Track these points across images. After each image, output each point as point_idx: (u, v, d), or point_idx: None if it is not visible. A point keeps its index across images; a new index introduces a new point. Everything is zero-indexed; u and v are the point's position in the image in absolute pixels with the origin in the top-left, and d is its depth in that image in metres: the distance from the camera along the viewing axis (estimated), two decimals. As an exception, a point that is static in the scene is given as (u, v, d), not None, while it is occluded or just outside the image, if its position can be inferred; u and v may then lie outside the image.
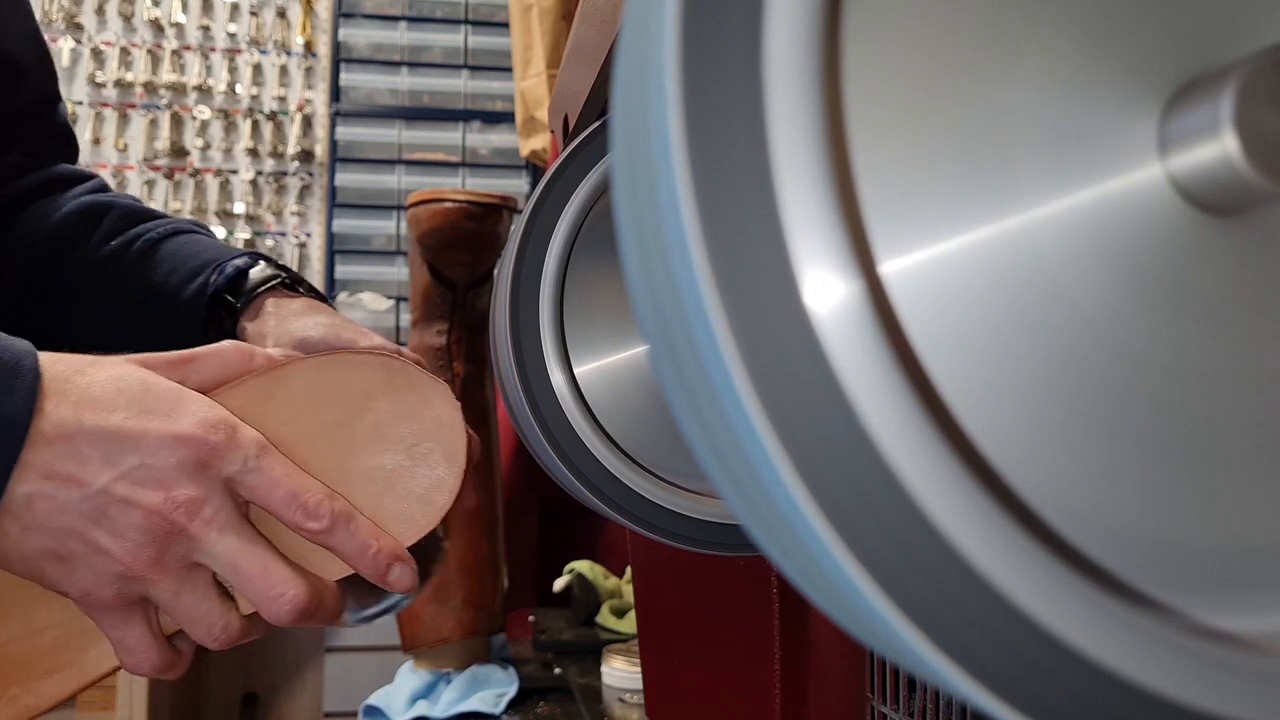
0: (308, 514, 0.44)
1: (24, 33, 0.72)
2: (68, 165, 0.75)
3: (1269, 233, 0.23)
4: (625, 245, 0.21)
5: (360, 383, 0.48)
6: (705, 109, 0.18)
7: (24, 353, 0.41)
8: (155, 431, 0.42)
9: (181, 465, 0.42)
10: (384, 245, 2.86)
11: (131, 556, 0.41)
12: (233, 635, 0.44)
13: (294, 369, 0.48)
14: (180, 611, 0.43)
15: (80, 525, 0.41)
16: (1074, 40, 0.22)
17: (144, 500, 0.41)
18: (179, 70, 2.82)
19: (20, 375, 0.40)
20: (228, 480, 0.43)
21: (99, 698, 2.23)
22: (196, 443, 0.42)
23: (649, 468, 0.49)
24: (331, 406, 0.47)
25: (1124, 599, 0.19)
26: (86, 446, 0.41)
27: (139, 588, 0.42)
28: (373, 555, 0.45)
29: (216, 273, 0.65)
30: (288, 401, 0.47)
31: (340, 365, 0.48)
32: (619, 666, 1.12)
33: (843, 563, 0.18)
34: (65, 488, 0.40)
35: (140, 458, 0.41)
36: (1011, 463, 0.21)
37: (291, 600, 0.44)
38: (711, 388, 0.19)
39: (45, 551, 0.41)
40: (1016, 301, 0.22)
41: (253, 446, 0.44)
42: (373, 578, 0.46)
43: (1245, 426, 0.23)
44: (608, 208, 0.50)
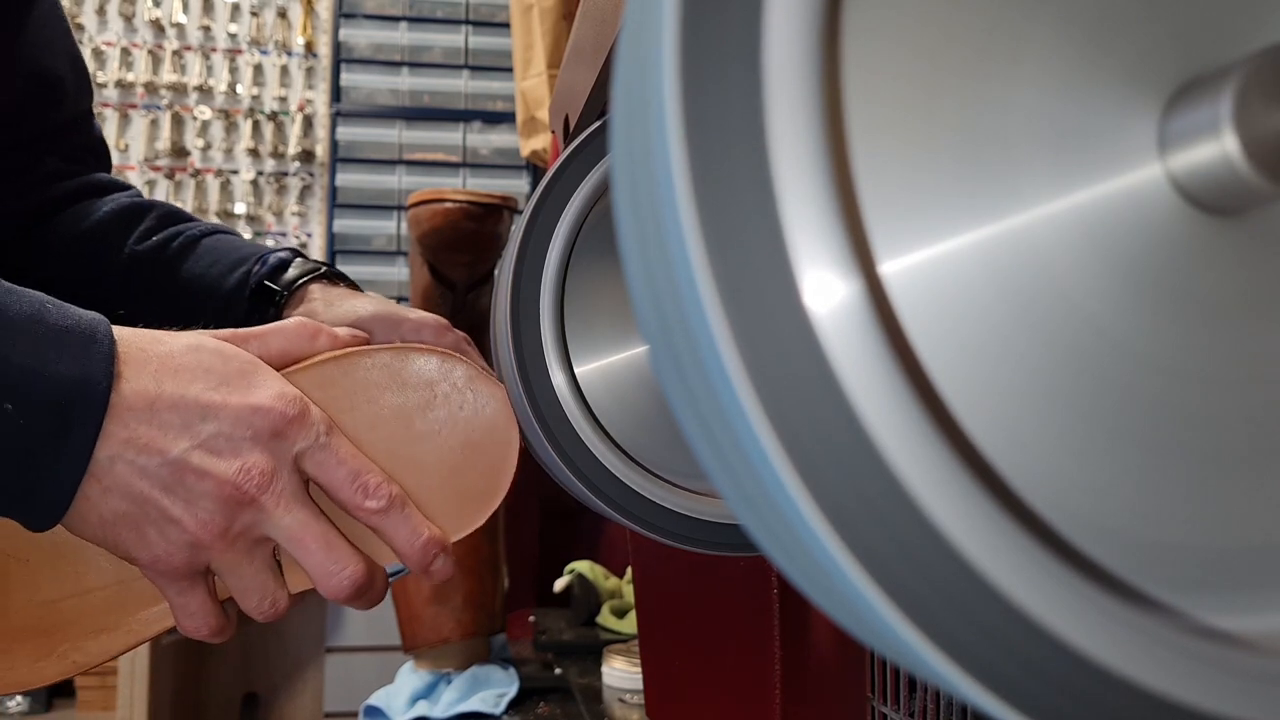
0: (368, 493, 0.45)
1: (64, 49, 0.74)
2: (104, 174, 0.77)
3: (1269, 233, 0.23)
4: (625, 245, 0.21)
5: (423, 379, 0.49)
6: (705, 109, 0.18)
7: (98, 320, 0.42)
8: (234, 403, 0.43)
9: (257, 437, 0.43)
10: (384, 245, 2.86)
11: (202, 526, 0.42)
12: (279, 610, 0.46)
13: (361, 358, 0.49)
14: (237, 582, 0.44)
15: (156, 492, 0.42)
16: (1074, 40, 0.22)
17: (218, 470, 0.42)
18: (180, 70, 2.82)
19: (96, 341, 0.41)
20: (297, 455, 0.44)
21: (99, 698, 2.23)
22: (273, 415, 0.43)
23: (649, 468, 0.48)
24: (393, 399, 0.49)
25: (1124, 599, 0.19)
26: (166, 414, 0.42)
27: (205, 556, 0.43)
28: (422, 543, 0.47)
29: (259, 264, 0.67)
30: (351, 389, 0.48)
31: (405, 359, 0.49)
32: (619, 667, 1.12)
33: (843, 563, 0.18)
34: (145, 454, 0.41)
35: (218, 427, 0.42)
36: (1011, 462, 0.21)
37: (351, 576, 0.45)
38: (711, 388, 0.19)
39: (122, 516, 0.42)
40: (1016, 301, 0.22)
41: (322, 424, 0.45)
42: (417, 565, 0.47)
43: (1245, 426, 0.23)
44: (608, 208, 0.50)
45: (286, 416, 0.44)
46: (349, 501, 0.46)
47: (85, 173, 0.75)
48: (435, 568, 0.47)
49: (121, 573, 0.46)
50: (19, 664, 0.45)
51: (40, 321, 0.40)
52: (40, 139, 0.73)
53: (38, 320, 0.40)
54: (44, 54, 0.71)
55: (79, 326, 0.41)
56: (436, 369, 0.50)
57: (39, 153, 0.73)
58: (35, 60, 0.70)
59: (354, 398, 0.48)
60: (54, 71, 0.72)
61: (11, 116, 0.70)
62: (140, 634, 0.47)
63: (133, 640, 0.46)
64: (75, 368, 0.40)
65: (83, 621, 0.46)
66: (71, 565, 0.46)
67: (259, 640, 2.65)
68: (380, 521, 0.46)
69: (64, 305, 0.42)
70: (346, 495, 0.45)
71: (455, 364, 0.50)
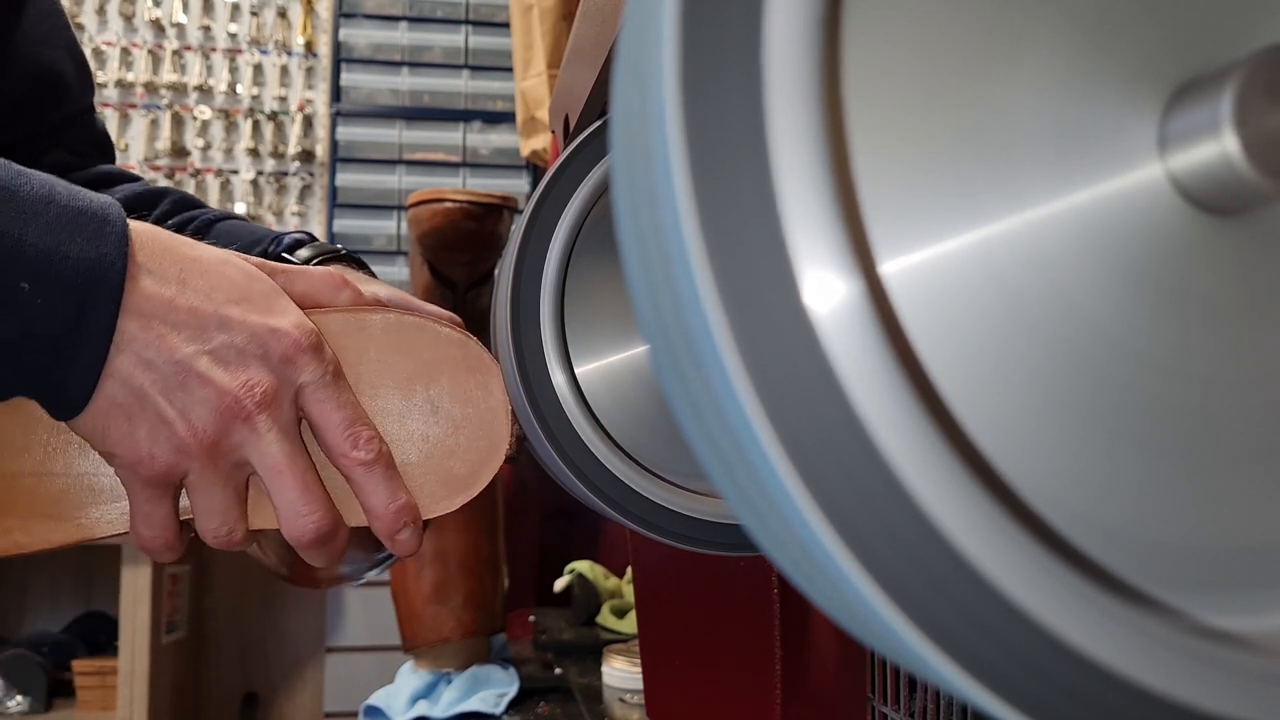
0: (357, 443, 0.45)
1: (64, 43, 0.74)
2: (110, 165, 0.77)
3: (1269, 233, 0.23)
4: (625, 245, 0.21)
5: (434, 352, 0.49)
6: (705, 109, 0.18)
7: (109, 203, 0.42)
8: (251, 320, 0.43)
9: (267, 357, 0.43)
10: (385, 245, 2.86)
11: (193, 433, 0.42)
12: (233, 540, 0.45)
13: (375, 318, 0.49)
14: (205, 500, 0.44)
15: (155, 391, 0.41)
16: (1074, 40, 0.22)
17: (222, 380, 0.42)
18: (180, 70, 2.82)
19: (110, 222, 0.40)
20: (300, 388, 0.44)
21: (99, 698, 2.23)
22: (288, 340, 0.43)
23: (650, 467, 0.48)
24: (401, 364, 0.49)
25: (1124, 598, 0.19)
26: (183, 315, 0.41)
27: (186, 466, 0.43)
28: (396, 509, 0.46)
29: (274, 244, 0.67)
30: (362, 345, 0.48)
31: (421, 329, 0.49)
32: (619, 667, 1.12)
33: (843, 562, 0.18)
34: (152, 349, 0.41)
35: (230, 338, 0.42)
36: (1011, 462, 0.21)
37: (316, 522, 0.44)
38: (711, 387, 0.19)
39: (118, 407, 0.41)
40: (1016, 301, 0.22)
41: (332, 364, 0.45)
42: (385, 529, 0.47)
43: (1245, 426, 0.23)
44: (608, 208, 0.50)
45: (301, 345, 0.44)
46: (337, 446, 0.45)
47: (90, 165, 0.75)
48: (400, 537, 0.47)
49: (88, 465, 0.46)
50: None
51: (52, 203, 0.40)
52: (45, 135, 0.73)
53: (49, 202, 0.40)
54: (44, 49, 0.71)
55: (91, 208, 0.41)
56: (453, 346, 0.49)
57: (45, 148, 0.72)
58: (35, 55, 0.70)
59: (363, 353, 0.48)
60: (55, 66, 0.72)
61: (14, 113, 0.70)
62: (89, 531, 0.46)
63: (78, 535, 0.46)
64: (90, 249, 0.39)
65: (36, 503, 0.45)
66: (42, 444, 0.45)
67: (259, 640, 2.65)
68: (362, 475, 0.46)
69: (74, 188, 0.41)
70: (336, 439, 0.45)
71: (471, 346, 0.50)
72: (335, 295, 0.49)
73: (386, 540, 0.47)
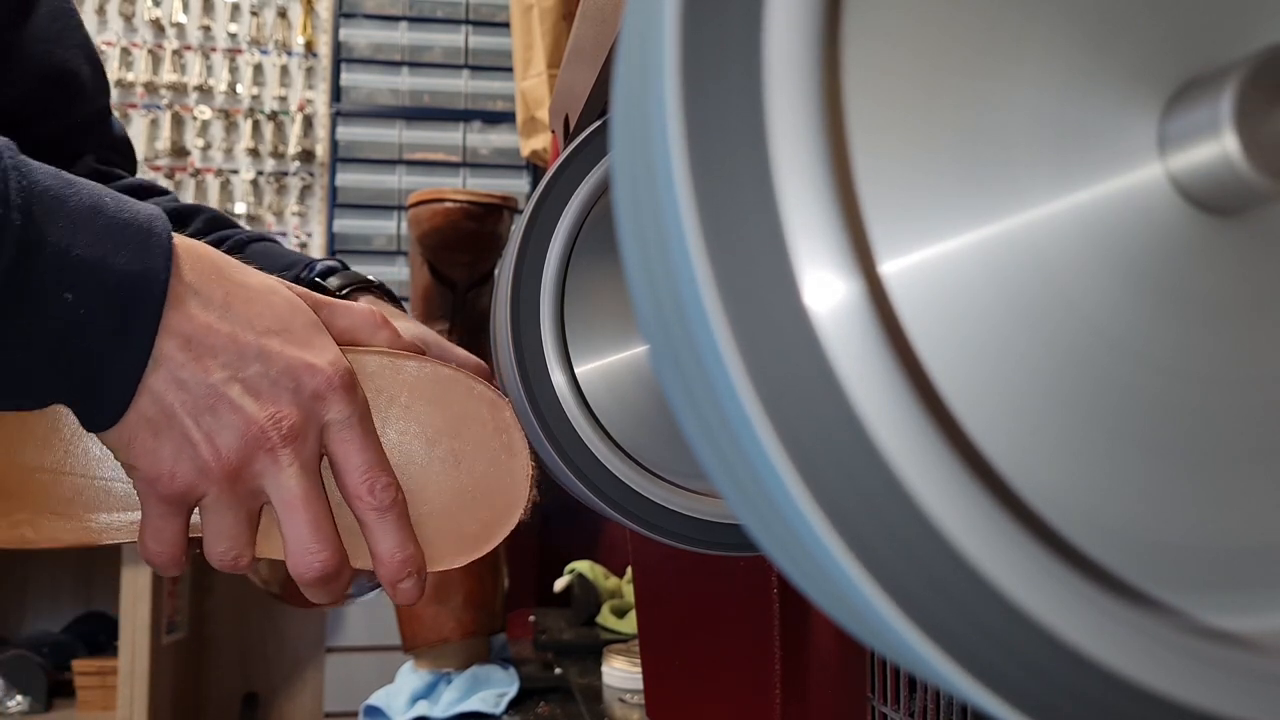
0: (373, 488, 0.45)
1: (77, 43, 0.73)
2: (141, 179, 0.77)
3: (1269, 233, 0.23)
4: (625, 245, 0.21)
5: (464, 407, 0.49)
6: (705, 109, 0.18)
7: (155, 215, 0.42)
8: (289, 354, 0.43)
9: (298, 391, 0.43)
10: (385, 245, 2.86)
11: (217, 458, 0.42)
12: (237, 566, 0.45)
13: (414, 364, 0.49)
14: (216, 523, 0.44)
15: (184, 412, 0.41)
16: (1074, 40, 0.22)
17: (250, 409, 0.42)
18: (180, 70, 2.82)
19: (155, 235, 0.41)
20: (326, 425, 0.44)
21: (99, 698, 2.23)
22: (321, 378, 0.43)
23: (650, 467, 0.48)
24: (429, 415, 0.48)
25: (1124, 598, 0.19)
26: (224, 340, 0.42)
27: (205, 488, 0.43)
28: (400, 560, 0.46)
29: (307, 270, 0.67)
30: (394, 391, 0.48)
31: (455, 382, 0.49)
32: (619, 667, 1.12)
33: (843, 562, 0.18)
34: (187, 369, 0.41)
35: (265, 369, 0.42)
36: (1011, 462, 0.21)
37: (323, 562, 0.44)
38: (711, 387, 0.19)
39: (146, 422, 0.41)
40: (1016, 301, 0.22)
41: (362, 406, 0.45)
42: (388, 576, 0.47)
43: (1245, 426, 0.23)
44: (609, 208, 0.50)
45: (333, 383, 0.44)
46: (354, 489, 0.45)
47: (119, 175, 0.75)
48: (403, 586, 0.47)
49: (106, 471, 0.46)
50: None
51: (100, 213, 0.40)
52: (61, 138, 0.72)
53: (98, 211, 0.40)
54: (55, 48, 0.70)
55: (138, 220, 0.41)
56: (484, 404, 0.49)
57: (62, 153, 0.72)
58: (47, 55, 0.70)
59: (394, 399, 0.48)
60: (68, 66, 0.71)
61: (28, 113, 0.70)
62: (95, 536, 0.46)
63: (85, 538, 0.46)
64: (135, 262, 0.39)
65: (48, 499, 0.45)
66: (64, 442, 0.45)
67: (259, 640, 2.65)
68: (375, 520, 0.46)
69: (121, 198, 0.41)
70: (354, 481, 0.45)
71: (504, 408, 0.49)
72: (374, 334, 0.49)
73: (388, 587, 0.47)
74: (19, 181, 0.37)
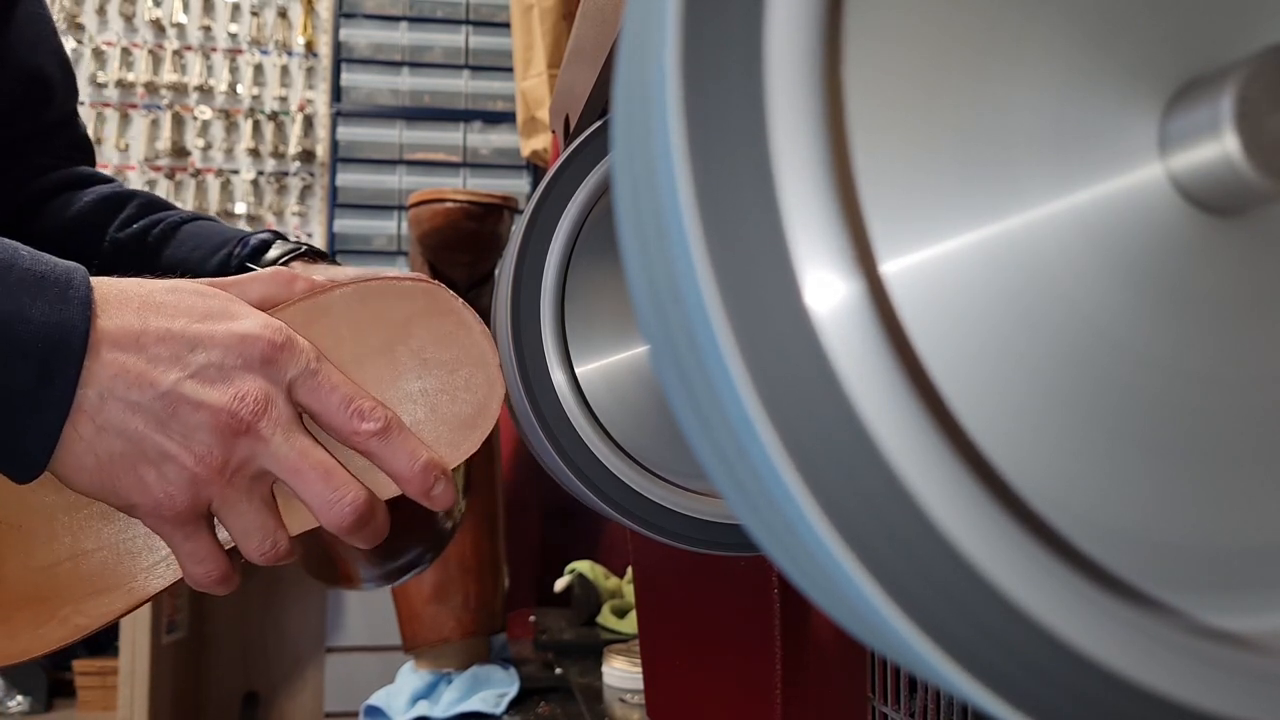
0: (363, 417, 0.45)
1: (51, 48, 0.73)
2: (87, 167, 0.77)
3: (1269, 233, 0.23)
4: (626, 245, 0.21)
5: (401, 309, 0.49)
6: (706, 109, 0.18)
7: (73, 267, 0.42)
8: (220, 331, 0.43)
9: (248, 364, 0.43)
10: (385, 245, 2.86)
11: (200, 461, 0.42)
12: (280, 553, 0.45)
13: (335, 295, 0.49)
14: (238, 522, 0.44)
15: (150, 429, 0.41)
16: (1075, 40, 0.22)
17: (212, 399, 0.42)
18: (180, 70, 2.82)
19: (73, 286, 0.41)
20: (289, 384, 0.44)
21: (100, 698, 2.23)
22: (261, 342, 0.43)
23: (650, 467, 0.48)
24: (373, 331, 0.48)
25: (1124, 598, 0.19)
26: (154, 347, 0.41)
27: (206, 494, 0.42)
28: (422, 465, 0.46)
29: (240, 246, 0.67)
30: (330, 326, 0.48)
31: (381, 291, 0.49)
32: (620, 667, 1.12)
33: (843, 562, 0.18)
34: (135, 387, 0.41)
35: (208, 356, 0.42)
36: (1012, 462, 0.21)
37: (353, 503, 0.44)
38: (712, 387, 0.19)
39: (119, 457, 0.41)
40: (1017, 301, 0.22)
41: (311, 351, 0.45)
42: (418, 490, 0.46)
43: (1246, 426, 0.23)
44: (609, 208, 0.50)
45: (275, 343, 0.43)
46: (344, 427, 0.45)
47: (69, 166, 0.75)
48: (436, 492, 0.46)
49: (118, 532, 0.46)
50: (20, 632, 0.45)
51: (13, 267, 0.40)
52: (31, 139, 0.73)
53: (10, 266, 0.40)
54: (31, 53, 0.71)
55: (54, 273, 0.41)
56: (417, 296, 0.49)
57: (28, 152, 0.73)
58: (22, 60, 0.70)
59: (333, 335, 0.48)
60: (42, 71, 0.72)
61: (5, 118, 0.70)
62: (144, 590, 0.46)
63: (136, 598, 0.46)
64: (52, 313, 0.40)
65: (82, 584, 0.45)
66: (66, 528, 0.45)
67: (259, 639, 2.65)
68: (377, 445, 0.45)
69: (37, 253, 0.41)
70: (341, 420, 0.45)
71: (433, 290, 0.49)
72: (289, 290, 0.49)
73: (423, 498, 0.46)
74: None
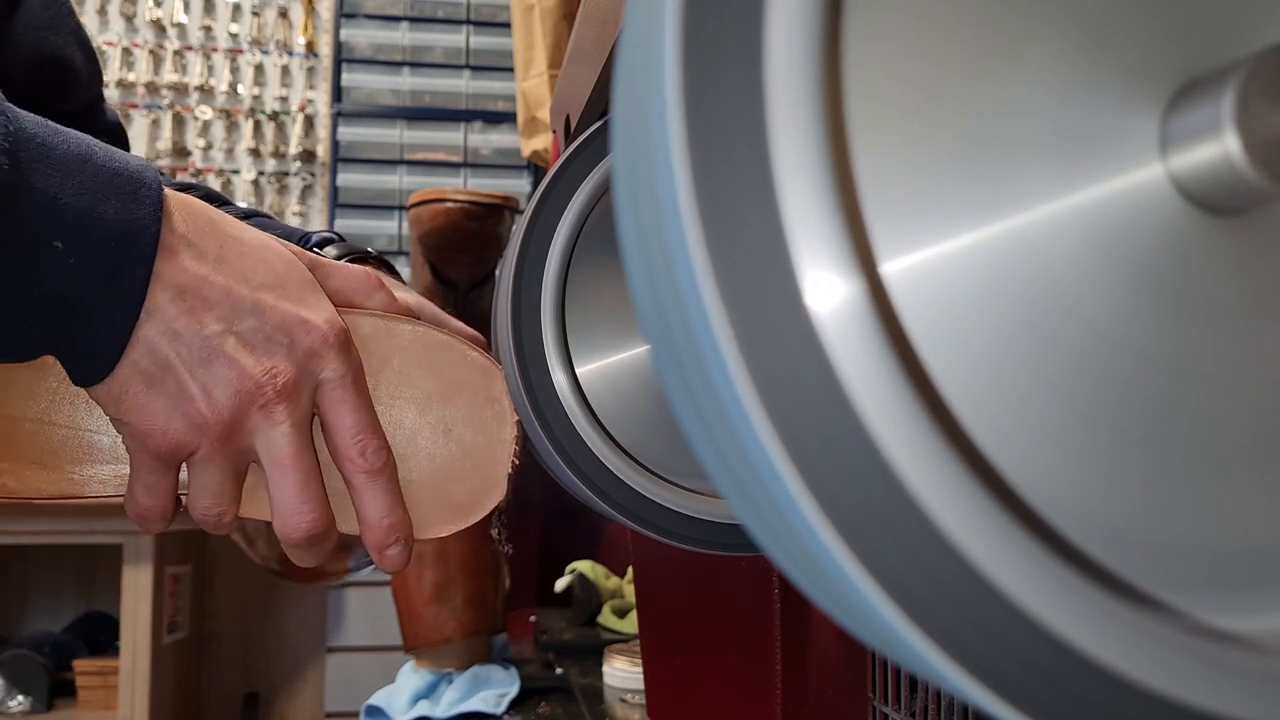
0: (364, 450, 0.44)
1: (69, 29, 0.72)
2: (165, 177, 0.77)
3: (1270, 233, 0.23)
4: (626, 245, 0.21)
5: (455, 374, 0.48)
6: (706, 109, 0.18)
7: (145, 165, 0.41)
8: (283, 308, 0.42)
9: (293, 347, 0.42)
10: (386, 245, 2.86)
11: (213, 411, 0.41)
12: (220, 524, 0.44)
13: (408, 328, 0.48)
14: (202, 478, 0.43)
15: (180, 364, 0.40)
16: (1075, 40, 0.22)
17: (246, 363, 0.41)
18: (181, 70, 2.82)
19: (145, 185, 0.40)
20: (319, 384, 0.43)
21: (100, 697, 2.24)
22: (317, 335, 0.43)
23: (651, 467, 0.48)
24: (420, 380, 0.48)
25: (1125, 598, 0.19)
26: (218, 292, 0.41)
27: (197, 443, 0.42)
28: (388, 524, 0.45)
29: (303, 241, 0.66)
30: (387, 353, 0.47)
31: (446, 348, 0.49)
32: (620, 667, 1.12)
33: (844, 562, 0.18)
34: (182, 321, 0.40)
35: (259, 323, 0.41)
36: (1012, 462, 0.21)
37: (310, 523, 0.43)
38: (712, 388, 0.19)
39: (141, 374, 0.40)
40: (1017, 301, 0.22)
41: (355, 366, 0.45)
42: (375, 542, 0.46)
43: (1246, 426, 0.23)
44: (610, 208, 0.50)
45: (328, 341, 0.43)
46: (344, 450, 0.44)
47: None
48: (390, 552, 0.46)
49: (91, 422, 0.45)
50: None
51: (88, 162, 0.39)
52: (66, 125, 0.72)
53: (86, 160, 0.39)
54: (48, 35, 0.69)
55: (128, 169, 0.40)
56: (476, 371, 0.49)
57: None
58: (39, 42, 0.69)
59: (387, 361, 0.47)
60: (60, 53, 0.70)
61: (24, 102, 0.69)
62: (79, 488, 0.45)
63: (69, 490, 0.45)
64: (124, 211, 0.39)
65: (32, 449, 0.44)
66: (50, 391, 0.44)
67: (260, 639, 2.66)
68: (363, 483, 0.45)
69: (110, 149, 0.40)
70: (344, 442, 0.44)
71: (496, 375, 0.49)
72: (369, 297, 0.49)
73: (375, 553, 0.46)
74: (5, 127, 0.36)
